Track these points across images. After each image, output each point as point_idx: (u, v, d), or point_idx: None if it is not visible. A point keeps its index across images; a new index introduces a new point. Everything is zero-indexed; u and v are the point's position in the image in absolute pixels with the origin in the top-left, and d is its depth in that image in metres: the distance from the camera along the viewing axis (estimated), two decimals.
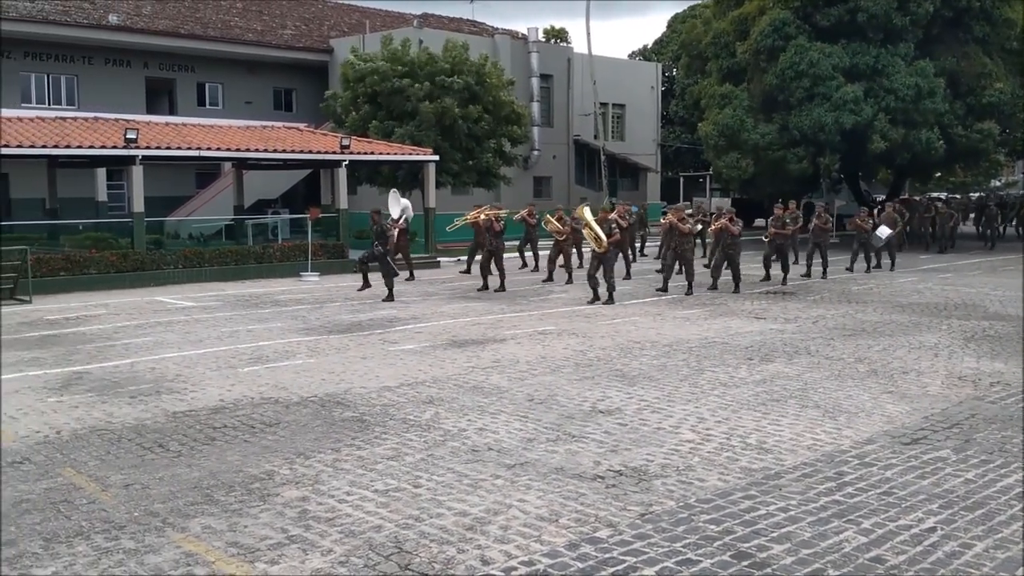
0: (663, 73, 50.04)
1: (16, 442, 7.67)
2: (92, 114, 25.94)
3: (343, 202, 25.26)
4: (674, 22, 56.97)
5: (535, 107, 37.87)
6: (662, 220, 20.00)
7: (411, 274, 21.38)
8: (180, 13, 36.04)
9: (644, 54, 60.71)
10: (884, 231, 22.72)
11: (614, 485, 6.49)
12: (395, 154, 26.45)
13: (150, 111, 33.59)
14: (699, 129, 35.22)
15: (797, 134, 29.97)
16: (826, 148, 29.98)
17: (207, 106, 36.52)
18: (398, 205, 20.56)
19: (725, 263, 18.76)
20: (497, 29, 44.34)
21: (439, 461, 7.09)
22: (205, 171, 34.77)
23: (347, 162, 24.76)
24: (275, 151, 23.99)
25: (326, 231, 25.54)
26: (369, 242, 19.08)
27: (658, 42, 60.32)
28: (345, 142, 24.66)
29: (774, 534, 5.58)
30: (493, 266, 19.11)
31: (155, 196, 22.53)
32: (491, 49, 35.71)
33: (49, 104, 32.25)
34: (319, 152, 24.63)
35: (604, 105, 41.53)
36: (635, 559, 5.21)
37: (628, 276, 21.07)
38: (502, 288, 18.71)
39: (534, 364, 11.00)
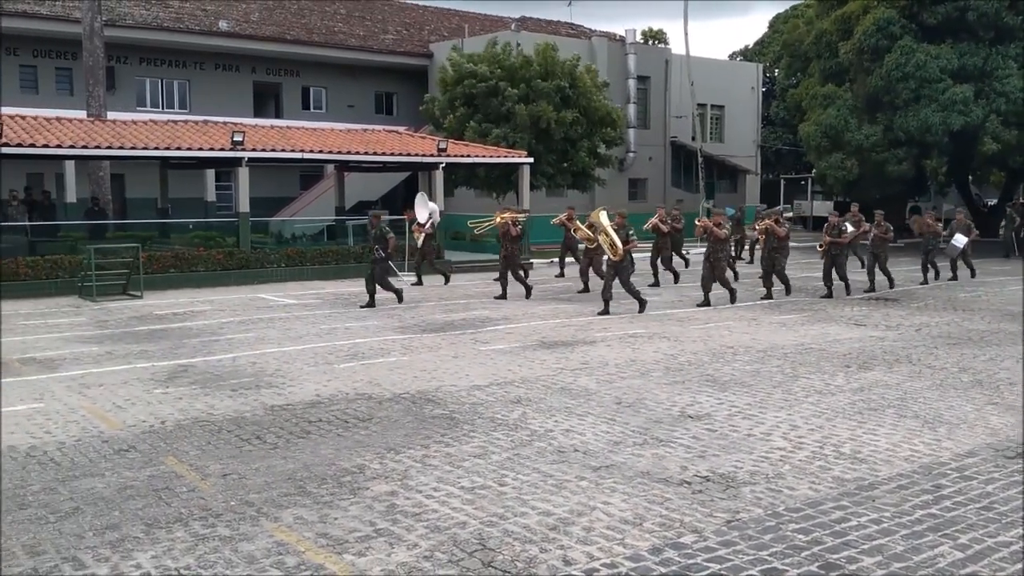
0: (764, 74, 49.11)
1: (123, 430, 8.05)
2: (202, 117, 26.97)
3: (440, 204, 25.56)
4: (775, 22, 55.90)
5: (631, 109, 37.65)
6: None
7: (419, 279, 20.57)
8: (286, 19, 37.11)
9: (744, 54, 59.71)
10: (960, 239, 21.15)
11: (701, 491, 6.42)
12: (491, 156, 26.67)
13: (257, 114, 34.69)
14: (801, 130, 34.47)
15: (902, 135, 29.03)
16: (933, 150, 28.95)
17: (311, 109, 37.51)
18: (426, 209, 20.14)
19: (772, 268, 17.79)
20: (594, 31, 44.27)
21: (525, 461, 7.14)
22: (308, 173, 35.69)
23: (444, 164, 25.09)
24: (376, 154, 24.48)
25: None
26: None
27: (759, 42, 59.26)
28: (442, 145, 25.00)
29: (865, 546, 5.44)
30: (510, 273, 18.05)
31: (260, 197, 23.28)
32: (588, 51, 35.66)
33: (162, 108, 33.64)
34: (418, 155, 25.03)
35: (702, 106, 41.01)
36: (719, 566, 5.15)
37: (676, 279, 20.86)
38: (503, 296, 17.83)
39: (623, 367, 10.96)
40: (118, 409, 8.83)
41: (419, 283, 20.30)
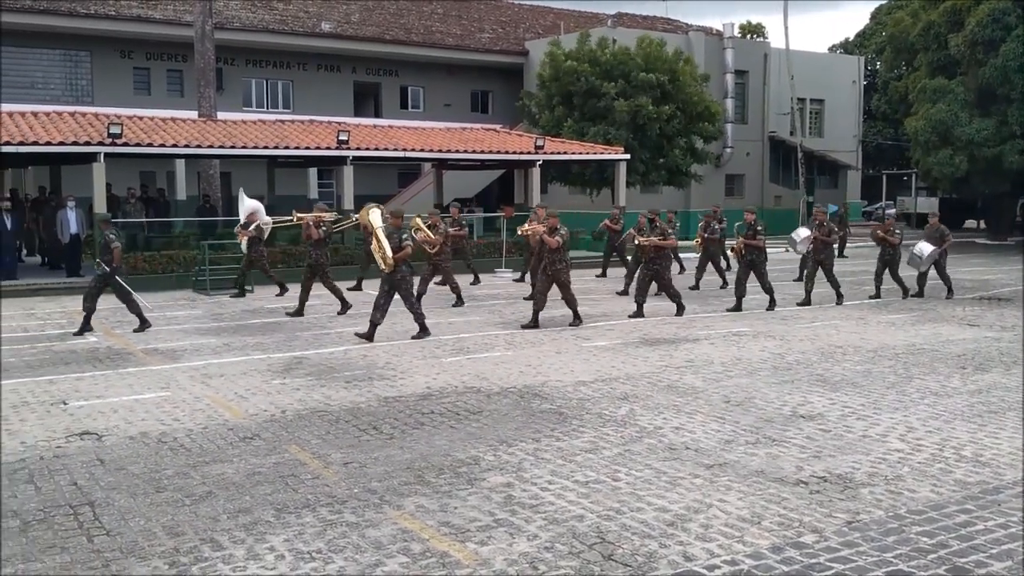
0: (865, 67, 47.79)
1: (246, 419, 8.39)
2: (307, 117, 27.69)
3: (536, 201, 25.70)
4: (878, 14, 54.35)
5: (729, 104, 37.14)
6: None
7: (240, 291, 17.95)
8: (385, 20, 37.79)
9: (845, 47, 58.21)
10: (924, 248, 17.53)
11: (818, 491, 6.37)
12: (587, 153, 26.69)
13: (357, 114, 35.45)
14: (906, 125, 33.47)
15: (1017, 129, 27.91)
16: None
17: (409, 108, 38.13)
18: (244, 208, 17.15)
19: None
20: (691, 26, 43.79)
21: (636, 457, 7.19)
22: (406, 171, 36.31)
23: (541, 162, 25.22)
24: (474, 152, 24.77)
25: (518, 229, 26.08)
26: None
27: (860, 35, 57.70)
28: (540, 142, 25.12)
29: (994, 551, 5.33)
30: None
31: (360, 194, 23.68)
32: (685, 46, 35.31)
33: (267, 108, 34.67)
34: (515, 152, 25.21)
35: (802, 100, 40.16)
36: (843, 566, 5.12)
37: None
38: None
39: (729, 365, 10.89)
40: (240, 399, 9.20)
41: (240, 295, 17.79)
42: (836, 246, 25.57)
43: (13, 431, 7.99)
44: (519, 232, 15.78)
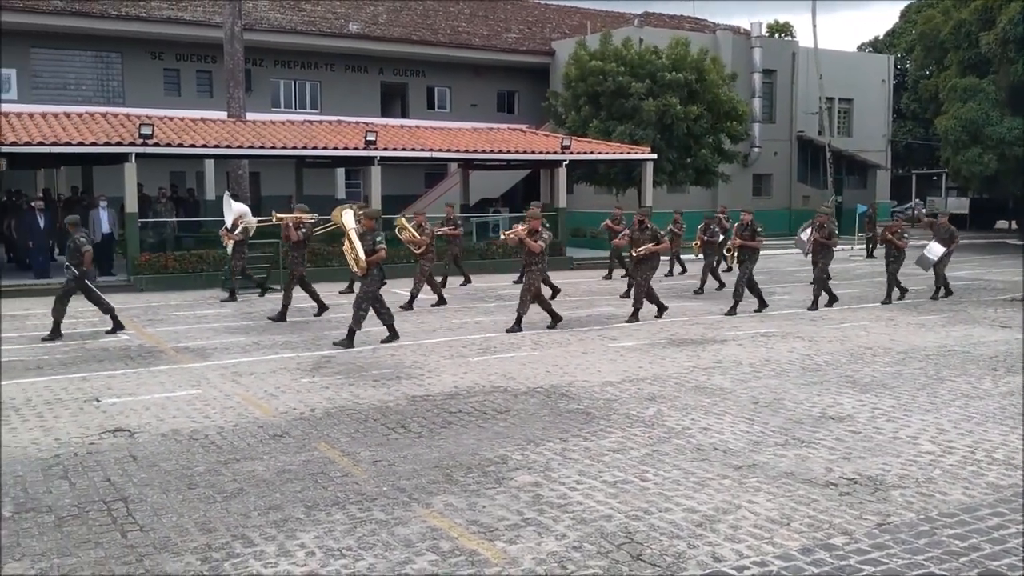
0: (895, 66, 47.33)
1: (276, 417, 8.47)
2: (334, 118, 27.85)
3: (562, 201, 25.75)
4: (908, 12, 53.81)
5: (757, 103, 36.95)
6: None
7: (232, 295, 17.60)
8: (412, 20, 37.91)
9: (874, 46, 57.68)
10: (935, 249, 17.31)
11: (848, 493, 6.33)
12: (614, 153, 26.64)
13: (384, 114, 35.59)
14: (936, 124, 33.14)
15: None
16: None
17: (435, 109, 38.23)
18: (231, 210, 16.99)
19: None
20: (718, 25, 43.58)
21: (664, 457, 7.18)
22: (433, 171, 36.40)
23: (567, 162, 25.21)
24: (500, 152, 24.80)
25: (544, 229, 26.06)
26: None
27: (890, 33, 57.15)
28: (566, 142, 25.11)
29: None
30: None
31: (387, 195, 23.85)
32: (712, 45, 35.16)
33: (295, 108, 34.89)
34: (541, 152, 25.22)
35: (830, 100, 39.88)
36: (874, 569, 5.09)
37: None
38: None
39: (757, 366, 10.84)
40: (270, 396, 9.29)
41: (232, 299, 17.43)
42: (869, 246, 25.46)
43: (48, 427, 8.11)
44: (502, 237, 15.39)
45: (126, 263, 20.11)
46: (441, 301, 16.35)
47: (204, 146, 20.54)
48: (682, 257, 22.34)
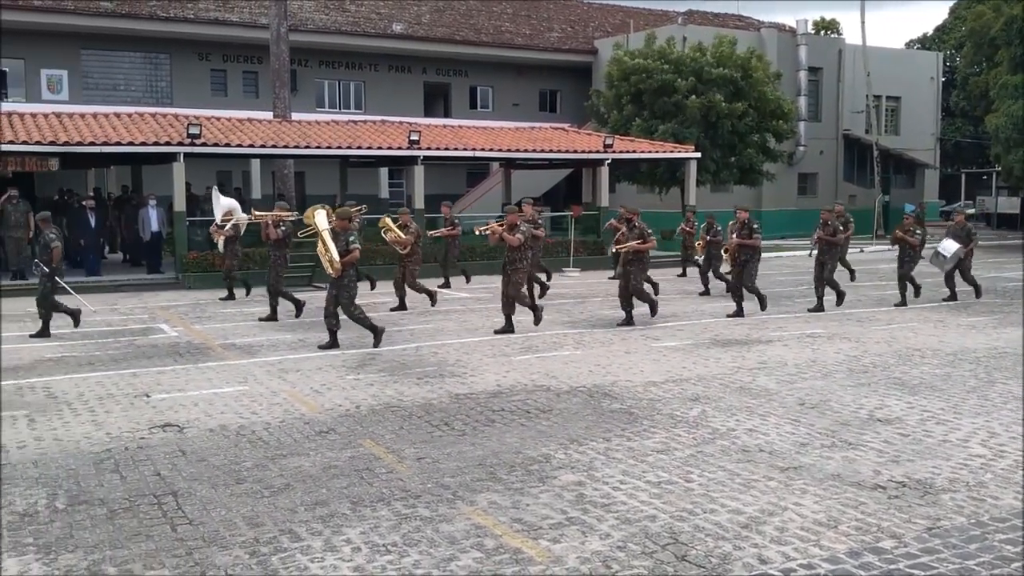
0: (944, 63, 46.53)
1: (322, 413, 8.56)
2: (378, 117, 28.06)
3: (604, 200, 25.70)
4: (957, 9, 52.86)
5: (802, 101, 36.54)
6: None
7: (230, 293, 17.42)
8: (455, 20, 38.06)
9: (923, 43, 56.77)
10: (950, 246, 16.30)
11: (897, 496, 6.25)
12: (657, 152, 26.50)
13: (427, 114, 35.78)
14: (986, 122, 32.52)
15: None
16: None
17: (478, 108, 38.35)
18: (219, 206, 16.55)
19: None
20: (763, 23, 43.17)
21: (709, 458, 7.14)
22: (475, 170, 36.51)
23: (609, 161, 25.14)
24: (542, 151, 24.81)
25: (585, 229, 26.07)
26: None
27: (939, 30, 56.21)
28: (609, 141, 25.05)
29: None
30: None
31: (430, 194, 23.96)
32: (757, 43, 34.85)
33: (339, 108, 35.20)
34: (583, 151, 25.19)
35: (877, 98, 39.31)
36: (923, 573, 5.01)
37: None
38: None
39: (803, 367, 10.72)
40: (315, 393, 9.39)
41: (230, 297, 17.29)
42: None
43: (99, 422, 8.28)
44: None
45: (174, 261, 20.43)
46: (401, 307, 15.53)
47: (250, 146, 20.81)
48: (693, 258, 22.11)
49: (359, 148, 22.08)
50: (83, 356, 11.49)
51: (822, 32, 49.57)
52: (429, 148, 22.54)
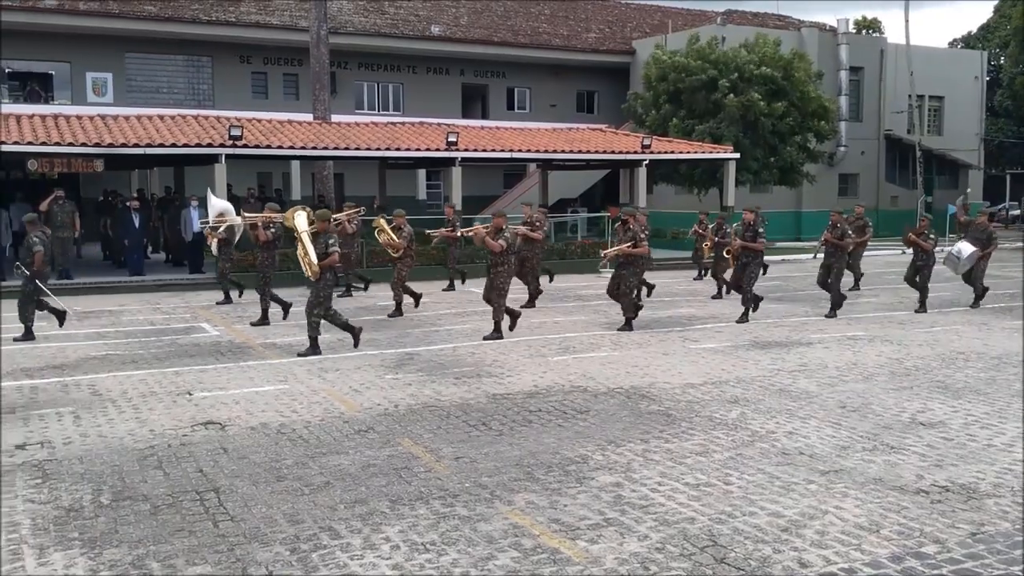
0: (988, 62, 45.73)
1: (360, 412, 8.62)
2: (416, 119, 28.19)
3: (642, 201, 25.56)
4: (1002, 7, 51.95)
5: (843, 101, 36.13)
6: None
7: (227, 297, 16.96)
8: (493, 22, 38.14)
9: (967, 42, 55.86)
10: (965, 249, 15.76)
11: (940, 501, 6.16)
12: (695, 152, 26.36)
13: (465, 115, 35.87)
14: None
15: None
16: None
17: (515, 109, 38.38)
18: (212, 209, 16.28)
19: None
20: (803, 22, 42.75)
21: (748, 461, 7.09)
22: (512, 171, 36.54)
23: (647, 161, 25.04)
24: (579, 152, 24.77)
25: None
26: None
27: (983, 28, 55.29)
28: (647, 141, 24.95)
29: None
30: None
31: (467, 195, 24.04)
32: (797, 42, 34.53)
33: (378, 110, 35.42)
34: (621, 152, 25.11)
35: (920, 97, 38.73)
36: None
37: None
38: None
39: (844, 370, 10.61)
40: (354, 392, 9.46)
41: (227, 300, 16.90)
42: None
43: (143, 419, 8.41)
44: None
45: (216, 261, 20.64)
46: (398, 311, 15.16)
47: (291, 147, 21.03)
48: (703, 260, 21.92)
49: (397, 149, 22.21)
50: (127, 354, 11.68)
51: (863, 31, 48.96)
52: (467, 149, 22.61)
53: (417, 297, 15.80)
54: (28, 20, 28.98)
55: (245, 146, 20.19)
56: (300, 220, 11.70)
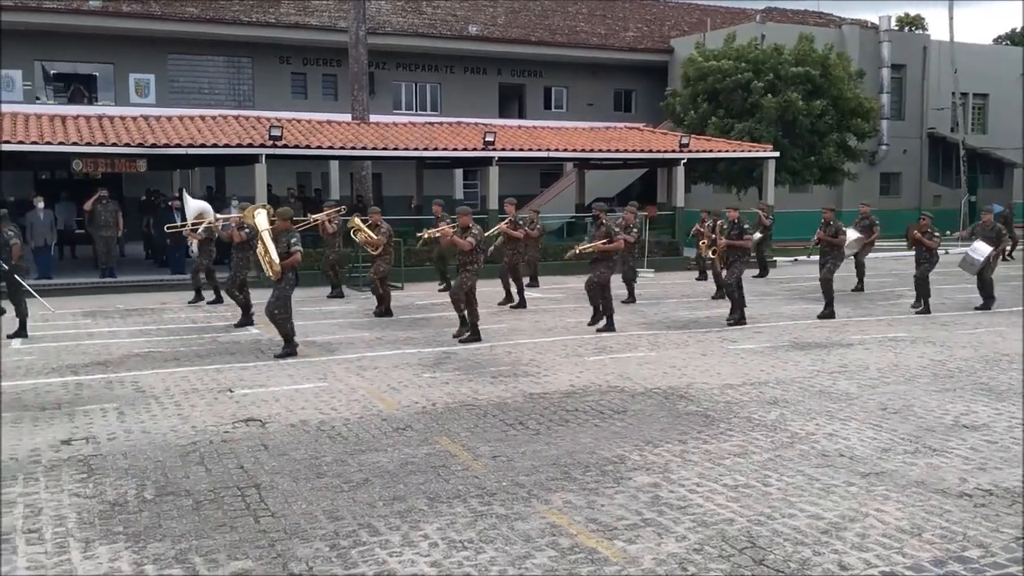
0: None
1: (399, 410, 8.68)
2: (454, 119, 28.27)
3: (679, 200, 25.46)
4: None
5: (885, 99, 35.66)
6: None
7: (218, 296, 16.61)
8: (530, 21, 38.13)
9: (1011, 39, 54.83)
10: (981, 249, 15.30)
11: (983, 504, 6.07)
12: (734, 151, 26.16)
13: (502, 115, 35.90)
14: None
15: None
16: None
17: (552, 109, 38.32)
18: (189, 210, 16.24)
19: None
20: (844, 19, 42.23)
21: (788, 463, 7.03)
22: (549, 171, 36.49)
23: (685, 160, 24.90)
24: (616, 151, 24.70)
25: (660, 229, 25.86)
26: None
27: None
28: (685, 140, 24.81)
29: None
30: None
31: (503, 194, 23.99)
32: (838, 40, 34.14)
33: (416, 110, 35.57)
34: (658, 151, 24.99)
35: (964, 95, 38.12)
36: None
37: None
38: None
39: (885, 372, 10.48)
40: (392, 390, 9.53)
41: (218, 300, 16.56)
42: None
43: (185, 416, 8.54)
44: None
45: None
46: (387, 312, 15.10)
47: (330, 147, 21.20)
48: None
49: (435, 149, 22.29)
50: (169, 352, 11.85)
51: (906, 28, 48.27)
52: (504, 149, 22.63)
53: (389, 293, 15.39)
54: (72, 22, 29.49)
55: (285, 146, 20.38)
56: (260, 218, 11.50)
